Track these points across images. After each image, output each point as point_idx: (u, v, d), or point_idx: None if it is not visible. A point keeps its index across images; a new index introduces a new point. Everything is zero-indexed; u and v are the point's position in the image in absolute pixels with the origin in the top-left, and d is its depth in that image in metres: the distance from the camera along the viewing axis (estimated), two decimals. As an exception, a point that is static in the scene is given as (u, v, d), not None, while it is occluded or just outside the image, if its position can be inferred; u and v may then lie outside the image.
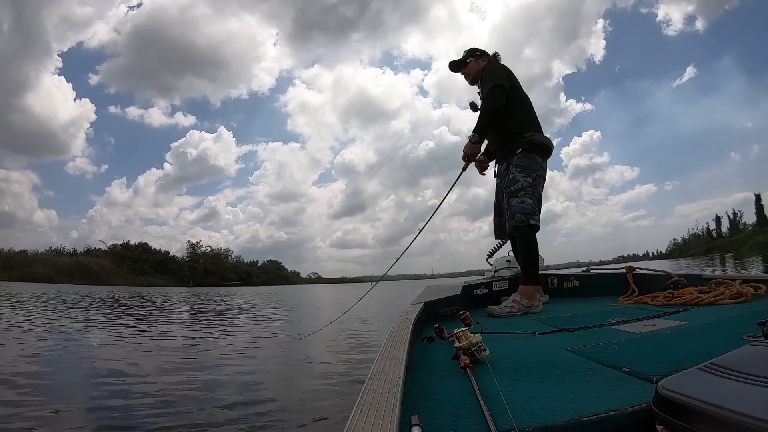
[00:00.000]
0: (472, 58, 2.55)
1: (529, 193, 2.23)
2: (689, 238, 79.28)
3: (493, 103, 2.26)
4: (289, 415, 2.29)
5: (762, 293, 1.80)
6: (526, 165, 2.26)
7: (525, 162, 2.27)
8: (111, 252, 63.19)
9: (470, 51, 2.59)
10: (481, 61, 2.52)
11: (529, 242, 2.28)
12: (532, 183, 2.25)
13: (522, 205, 2.23)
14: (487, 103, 2.29)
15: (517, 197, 2.24)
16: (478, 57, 2.54)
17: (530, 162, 2.27)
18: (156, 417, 2.22)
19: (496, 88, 2.27)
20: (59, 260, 54.53)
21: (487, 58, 2.54)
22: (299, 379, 3.18)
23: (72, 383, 2.96)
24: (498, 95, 2.26)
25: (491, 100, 2.27)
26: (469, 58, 2.56)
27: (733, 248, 53.41)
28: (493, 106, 2.26)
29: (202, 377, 3.16)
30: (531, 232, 2.26)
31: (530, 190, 2.24)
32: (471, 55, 2.56)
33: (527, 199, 2.23)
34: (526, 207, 2.22)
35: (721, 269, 15.16)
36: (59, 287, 27.36)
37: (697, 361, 0.69)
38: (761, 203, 62.40)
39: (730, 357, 0.65)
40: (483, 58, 2.54)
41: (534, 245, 2.28)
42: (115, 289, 28.94)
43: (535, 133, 2.31)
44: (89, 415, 2.31)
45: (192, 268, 70.32)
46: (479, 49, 2.58)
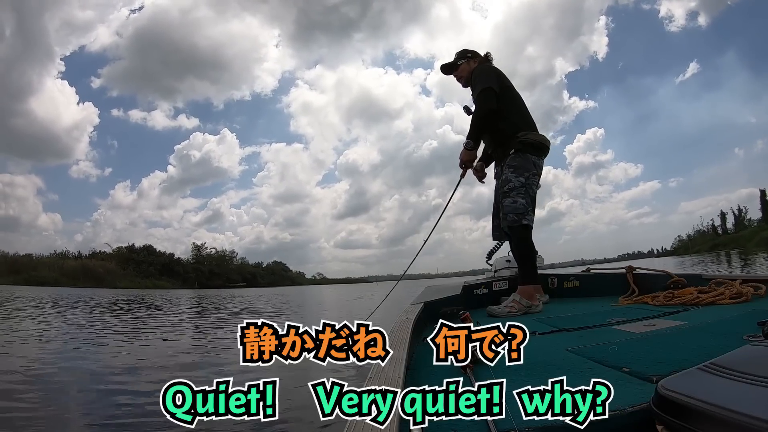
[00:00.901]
0: (463, 60, 2.52)
1: (521, 193, 2.23)
2: (694, 234, 79.06)
3: (483, 109, 2.25)
4: (290, 415, 2.29)
5: (762, 293, 1.80)
6: (519, 165, 2.26)
7: (517, 162, 2.26)
8: (116, 255, 63.09)
9: (461, 53, 2.55)
10: (473, 63, 2.49)
11: (523, 242, 2.27)
12: (525, 183, 2.24)
13: (514, 205, 2.23)
14: (477, 108, 2.28)
15: (509, 197, 2.24)
16: (469, 58, 2.51)
17: (523, 162, 2.26)
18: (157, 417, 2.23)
19: (485, 92, 2.25)
20: (64, 263, 54.36)
21: (478, 59, 2.51)
22: (299, 379, 3.18)
23: (85, 388, 2.96)
24: (487, 99, 2.24)
25: (481, 105, 2.26)
26: (460, 61, 2.52)
27: (739, 244, 53.22)
28: (484, 111, 2.25)
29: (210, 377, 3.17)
30: (524, 232, 2.25)
31: (523, 190, 2.23)
32: (462, 57, 2.53)
33: (519, 198, 2.22)
34: (518, 207, 2.22)
35: (727, 266, 15.11)
36: (64, 291, 27.34)
37: (697, 361, 0.69)
38: (766, 199, 62.11)
39: (730, 357, 0.65)
40: (474, 59, 2.51)
41: (528, 245, 2.27)
42: (122, 292, 28.93)
43: (528, 132, 2.30)
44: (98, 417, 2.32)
45: (197, 270, 70.18)
46: (470, 50, 2.55)
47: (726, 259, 23.74)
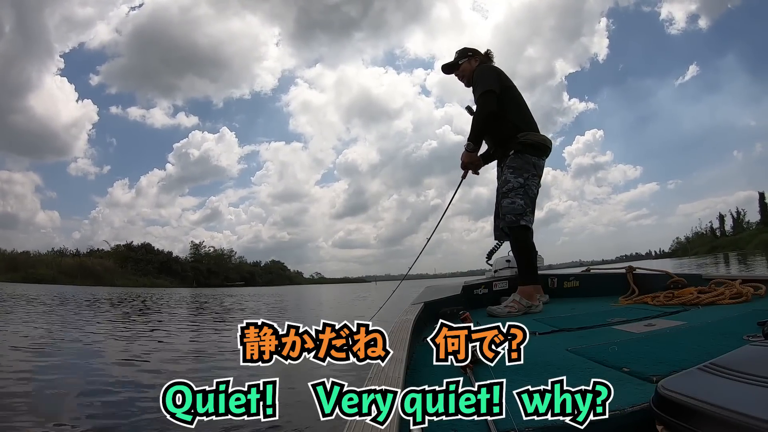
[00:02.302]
0: (464, 59, 2.50)
1: (520, 193, 2.22)
2: (692, 236, 79.58)
3: (483, 111, 2.25)
4: (290, 415, 2.29)
5: (762, 293, 1.80)
6: (518, 166, 2.26)
7: (517, 163, 2.26)
8: (114, 253, 63.08)
9: (461, 52, 2.54)
10: (473, 62, 2.48)
11: (522, 243, 2.27)
12: (524, 183, 2.23)
13: (512, 206, 2.22)
14: (478, 111, 2.27)
15: (508, 198, 2.24)
16: (470, 57, 2.50)
17: (522, 162, 2.26)
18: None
19: (486, 94, 2.25)
20: (62, 261, 54.44)
21: (479, 57, 2.50)
22: (299, 380, 3.18)
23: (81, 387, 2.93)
24: (487, 102, 2.24)
25: (481, 108, 2.25)
26: (461, 60, 2.51)
27: (738, 246, 53.53)
28: (484, 114, 2.24)
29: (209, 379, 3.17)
30: (523, 233, 2.24)
31: (521, 191, 2.22)
32: (463, 56, 2.51)
33: (518, 199, 2.22)
34: (516, 207, 2.21)
35: (726, 268, 15.12)
36: (62, 288, 27.17)
37: (697, 361, 0.69)
38: (765, 201, 62.36)
39: (730, 357, 0.65)
40: (475, 58, 2.49)
41: (527, 246, 2.26)
42: (119, 290, 28.72)
43: (528, 133, 2.29)
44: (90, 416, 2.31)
45: (195, 268, 70.17)
46: (471, 49, 2.54)
47: (724, 261, 23.75)
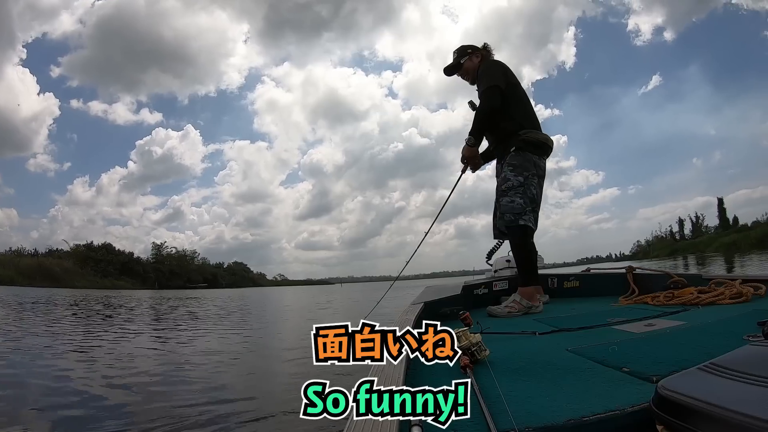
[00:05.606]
0: (464, 57, 2.48)
1: (519, 192, 2.20)
2: (653, 240, 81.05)
3: (486, 106, 2.23)
4: (290, 414, 2.29)
5: (762, 293, 1.80)
6: (518, 164, 2.23)
7: (517, 161, 2.24)
8: (74, 253, 61.00)
9: (461, 50, 2.51)
10: (475, 58, 2.46)
11: (521, 243, 2.24)
12: (524, 182, 2.21)
13: (511, 205, 2.20)
14: (481, 105, 2.26)
15: (507, 196, 2.22)
16: (470, 54, 2.48)
17: (523, 160, 2.23)
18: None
19: (491, 89, 2.23)
20: (20, 261, 52.42)
21: (480, 53, 2.48)
22: (299, 380, 3.17)
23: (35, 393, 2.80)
24: (492, 97, 2.22)
25: (484, 102, 2.24)
26: (462, 59, 2.49)
27: (698, 250, 54.68)
28: (487, 109, 2.22)
29: (208, 386, 3.15)
30: (522, 233, 2.22)
31: (521, 189, 2.20)
32: (463, 55, 2.49)
33: (517, 198, 2.19)
34: (515, 206, 2.19)
35: (684, 269, 15.50)
36: (20, 290, 25.75)
37: (697, 361, 0.69)
38: (723, 207, 64.98)
39: (730, 357, 0.65)
40: (476, 54, 2.47)
41: (526, 246, 2.24)
42: (79, 292, 27.46)
43: (530, 131, 2.27)
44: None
45: (157, 270, 68.64)
46: (469, 46, 2.51)
47: (684, 263, 24.74)
